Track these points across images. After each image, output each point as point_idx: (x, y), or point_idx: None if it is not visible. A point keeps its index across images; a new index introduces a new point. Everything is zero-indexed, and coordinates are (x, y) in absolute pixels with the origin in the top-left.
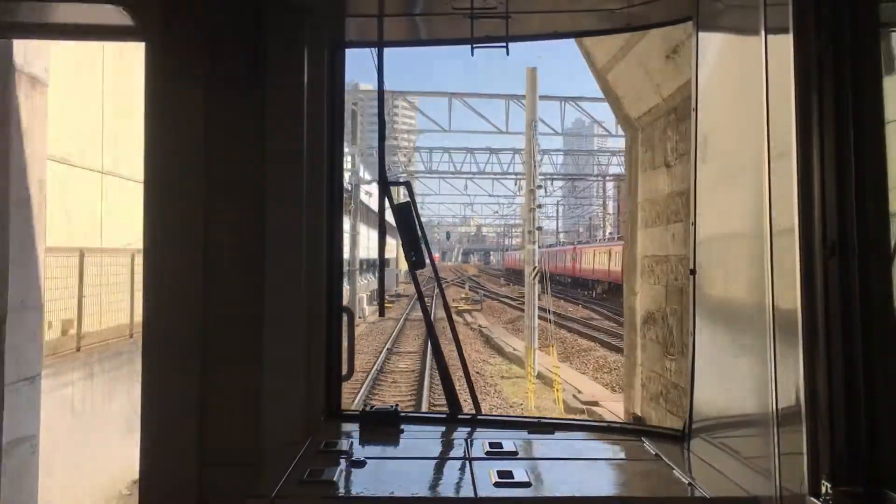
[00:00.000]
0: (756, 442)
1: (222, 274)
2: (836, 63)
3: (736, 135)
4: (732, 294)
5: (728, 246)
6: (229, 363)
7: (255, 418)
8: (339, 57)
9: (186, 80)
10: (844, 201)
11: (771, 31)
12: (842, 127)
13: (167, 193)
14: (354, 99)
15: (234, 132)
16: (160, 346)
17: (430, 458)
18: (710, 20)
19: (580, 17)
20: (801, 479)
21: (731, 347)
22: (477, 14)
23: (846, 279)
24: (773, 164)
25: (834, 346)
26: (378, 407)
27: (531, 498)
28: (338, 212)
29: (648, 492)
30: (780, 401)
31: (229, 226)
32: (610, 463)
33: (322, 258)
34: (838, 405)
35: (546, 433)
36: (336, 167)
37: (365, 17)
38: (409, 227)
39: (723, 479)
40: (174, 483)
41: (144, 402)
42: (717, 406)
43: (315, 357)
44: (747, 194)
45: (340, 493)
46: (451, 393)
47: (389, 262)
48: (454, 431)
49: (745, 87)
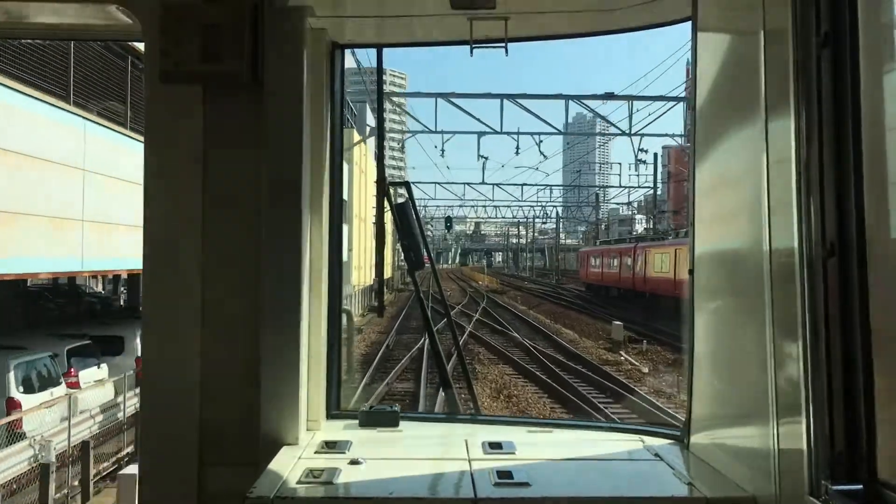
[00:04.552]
0: (755, 442)
1: (221, 274)
2: (835, 63)
3: (735, 134)
4: (731, 294)
5: (727, 245)
6: (229, 363)
7: (255, 418)
8: (338, 57)
9: (185, 79)
10: (844, 201)
11: (770, 32)
12: (841, 127)
13: (166, 193)
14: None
15: (232, 132)
16: (160, 346)
17: (429, 458)
18: (709, 20)
19: (579, 18)
20: (801, 479)
21: (729, 347)
22: (475, 15)
23: (845, 279)
24: (771, 164)
25: (833, 347)
26: (378, 407)
27: (531, 498)
28: (337, 212)
29: (648, 491)
30: (779, 401)
31: (228, 225)
32: (609, 463)
33: (322, 258)
34: (838, 405)
35: (545, 433)
36: (336, 166)
37: (363, 18)
38: (408, 228)
39: (722, 479)
40: (174, 483)
41: (144, 402)
42: (717, 406)
43: (315, 357)
44: (746, 194)
45: (340, 493)
46: (450, 393)
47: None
48: (454, 431)
49: (745, 87)
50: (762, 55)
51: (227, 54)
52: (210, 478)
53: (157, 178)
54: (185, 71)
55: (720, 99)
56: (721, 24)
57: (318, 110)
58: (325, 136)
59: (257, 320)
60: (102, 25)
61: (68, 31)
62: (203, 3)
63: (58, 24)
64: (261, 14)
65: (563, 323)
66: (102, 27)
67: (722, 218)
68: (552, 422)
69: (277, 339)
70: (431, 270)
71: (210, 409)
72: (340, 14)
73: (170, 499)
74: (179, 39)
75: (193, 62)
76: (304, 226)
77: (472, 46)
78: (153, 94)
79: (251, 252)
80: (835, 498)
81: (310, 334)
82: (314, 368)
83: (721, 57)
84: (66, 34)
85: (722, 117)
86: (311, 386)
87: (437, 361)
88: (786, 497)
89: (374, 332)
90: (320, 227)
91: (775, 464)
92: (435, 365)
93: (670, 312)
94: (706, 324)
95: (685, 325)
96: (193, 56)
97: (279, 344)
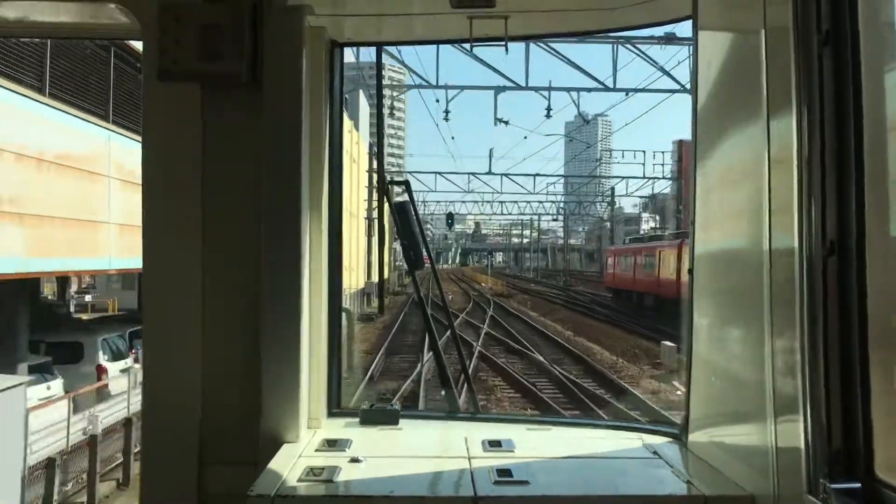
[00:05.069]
0: (754, 440)
1: (221, 273)
2: (836, 62)
3: (736, 133)
4: (731, 293)
5: (727, 245)
6: (229, 363)
7: (255, 416)
8: (338, 55)
9: (184, 78)
10: (844, 200)
11: (771, 30)
12: (842, 125)
13: (165, 192)
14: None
15: (231, 131)
16: (160, 347)
17: (429, 456)
18: (709, 20)
19: (579, 16)
20: (799, 477)
21: (728, 346)
22: (475, 14)
23: (845, 278)
24: (772, 163)
25: (832, 345)
26: (378, 405)
27: (530, 496)
28: (337, 211)
29: (646, 490)
30: (777, 399)
31: (227, 225)
32: (608, 461)
33: (322, 258)
34: (836, 404)
35: (545, 431)
36: (335, 166)
37: (363, 17)
38: (407, 226)
39: (720, 477)
40: (174, 483)
41: (145, 401)
42: (715, 404)
43: (315, 355)
44: (747, 193)
45: (340, 492)
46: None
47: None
48: (453, 430)
49: (746, 86)
50: (763, 54)
51: (226, 53)
52: (210, 476)
53: (155, 176)
54: (184, 70)
55: (721, 98)
56: (722, 22)
57: (317, 109)
58: (324, 135)
59: (257, 319)
60: (101, 25)
61: (67, 31)
62: (202, 3)
63: (57, 24)
64: (260, 13)
65: (588, 336)
66: (101, 26)
67: (723, 217)
68: (552, 420)
69: (278, 337)
70: (432, 271)
71: (210, 408)
72: (340, 13)
73: (170, 497)
74: (178, 38)
75: (192, 61)
76: (304, 225)
77: (472, 45)
78: (151, 93)
79: (251, 251)
80: (833, 496)
81: (310, 333)
82: (314, 367)
83: (722, 55)
84: (66, 33)
85: (723, 116)
86: (312, 384)
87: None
88: (784, 495)
89: (358, 349)
90: (320, 227)
91: (773, 462)
92: (434, 362)
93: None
94: (705, 322)
95: (684, 323)
96: (192, 55)
97: (279, 342)
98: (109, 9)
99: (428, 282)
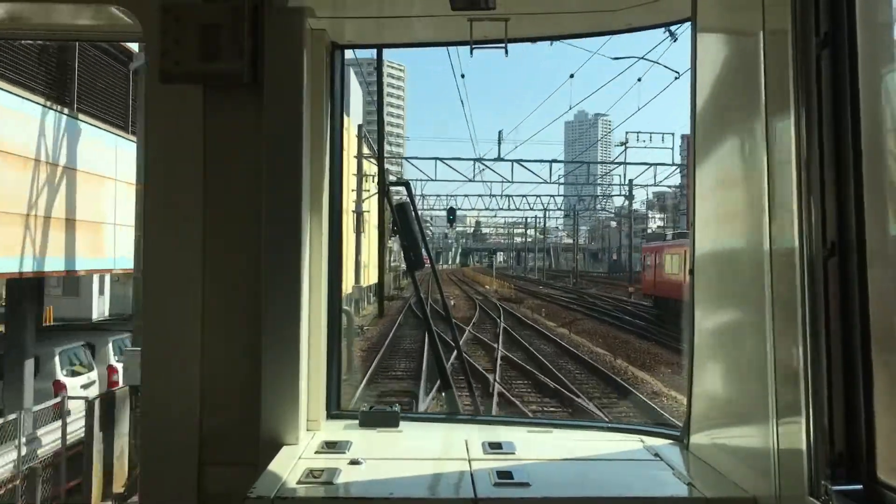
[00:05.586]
0: (755, 442)
1: (222, 274)
2: (835, 63)
3: (735, 134)
4: (731, 294)
5: (727, 245)
6: (229, 363)
7: (255, 418)
8: (338, 57)
9: (185, 79)
10: (844, 201)
11: (770, 32)
12: (841, 126)
13: (166, 193)
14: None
15: (232, 131)
16: (160, 347)
17: (429, 458)
18: (709, 20)
19: (578, 19)
20: (801, 480)
21: (729, 347)
22: (475, 16)
23: (846, 279)
24: (771, 164)
25: (833, 347)
26: (378, 407)
27: (531, 498)
28: (337, 212)
29: (647, 492)
30: (779, 401)
31: (228, 226)
32: (609, 463)
33: (322, 258)
34: (837, 405)
35: (545, 433)
36: (335, 166)
37: (363, 19)
38: (407, 227)
39: (722, 480)
40: (174, 483)
41: (145, 401)
42: (717, 406)
43: (315, 357)
44: (746, 194)
45: (340, 493)
46: (450, 394)
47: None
48: (454, 432)
49: (745, 88)
50: (762, 55)
51: (227, 54)
52: (210, 478)
53: (156, 177)
54: (185, 71)
55: (720, 99)
56: (721, 24)
57: (317, 110)
58: (324, 136)
59: (257, 320)
60: (102, 26)
61: (68, 32)
62: (203, 3)
63: (58, 25)
64: (260, 14)
65: (626, 356)
66: (102, 27)
67: (723, 218)
68: (552, 422)
69: (277, 339)
70: (432, 272)
71: (210, 409)
72: (340, 14)
73: (169, 498)
74: (179, 39)
75: (193, 62)
76: (304, 225)
77: (472, 47)
78: (153, 94)
79: (251, 252)
80: (834, 498)
81: (310, 334)
82: (314, 368)
83: (721, 57)
84: (66, 35)
85: (722, 117)
86: (311, 386)
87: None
88: (785, 497)
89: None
90: (320, 227)
91: (775, 464)
92: (434, 363)
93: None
94: (707, 324)
95: (686, 325)
96: (193, 56)
97: (279, 344)
98: (110, 10)
99: (428, 283)
